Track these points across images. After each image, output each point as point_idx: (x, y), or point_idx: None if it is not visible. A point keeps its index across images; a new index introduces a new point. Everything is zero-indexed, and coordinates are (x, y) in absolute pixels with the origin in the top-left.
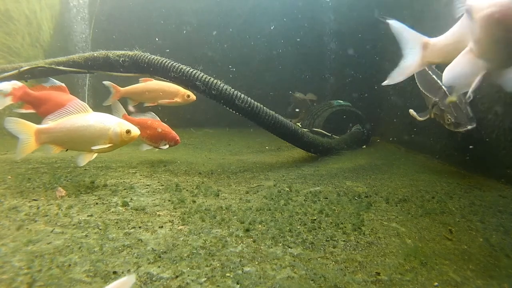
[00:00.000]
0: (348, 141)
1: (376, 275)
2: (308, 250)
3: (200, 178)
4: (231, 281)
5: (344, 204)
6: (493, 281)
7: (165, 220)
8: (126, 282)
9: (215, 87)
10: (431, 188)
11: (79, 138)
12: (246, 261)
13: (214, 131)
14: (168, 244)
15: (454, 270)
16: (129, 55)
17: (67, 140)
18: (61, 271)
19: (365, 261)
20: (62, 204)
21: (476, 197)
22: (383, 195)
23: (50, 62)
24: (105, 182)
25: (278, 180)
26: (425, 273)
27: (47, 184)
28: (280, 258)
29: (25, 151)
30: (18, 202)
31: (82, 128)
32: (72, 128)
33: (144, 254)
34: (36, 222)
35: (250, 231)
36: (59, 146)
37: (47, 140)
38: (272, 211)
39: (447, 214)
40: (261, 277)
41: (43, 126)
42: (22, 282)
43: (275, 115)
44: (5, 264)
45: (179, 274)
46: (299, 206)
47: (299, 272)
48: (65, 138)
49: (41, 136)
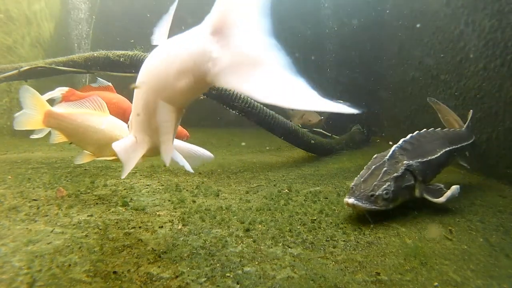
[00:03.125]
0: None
1: (376, 275)
2: (308, 250)
3: (200, 178)
4: (231, 281)
5: (344, 204)
6: (493, 281)
7: (165, 220)
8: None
9: (215, 87)
10: None
11: (87, 138)
12: (246, 261)
13: (214, 131)
14: (168, 244)
15: (454, 270)
16: (129, 55)
17: (73, 134)
18: (61, 271)
19: (365, 261)
20: (62, 204)
21: (476, 197)
22: None
23: (50, 62)
24: (105, 182)
25: (278, 180)
26: (425, 273)
27: (47, 184)
28: (280, 258)
29: (25, 125)
30: (18, 202)
31: (92, 129)
32: (82, 125)
33: (144, 254)
34: (36, 222)
35: (250, 231)
36: (63, 137)
37: (54, 126)
38: (272, 211)
39: (447, 214)
40: (261, 277)
41: (56, 110)
42: (22, 282)
43: (275, 115)
44: (5, 264)
45: (179, 274)
46: (299, 206)
47: (299, 272)
48: (72, 131)
49: (50, 120)
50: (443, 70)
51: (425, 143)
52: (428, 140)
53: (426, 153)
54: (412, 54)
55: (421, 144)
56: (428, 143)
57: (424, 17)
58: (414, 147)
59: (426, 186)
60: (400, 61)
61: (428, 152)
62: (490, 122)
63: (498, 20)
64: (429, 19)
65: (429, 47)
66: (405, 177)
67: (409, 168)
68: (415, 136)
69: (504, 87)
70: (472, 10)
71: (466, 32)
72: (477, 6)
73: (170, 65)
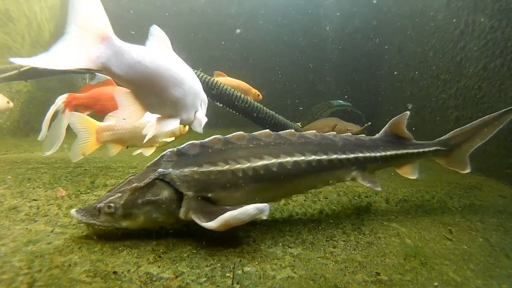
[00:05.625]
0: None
1: (376, 275)
2: (308, 250)
3: None
4: (231, 281)
5: (344, 204)
6: (493, 281)
7: None
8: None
9: (215, 87)
10: (431, 188)
11: (139, 136)
12: (246, 261)
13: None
14: (168, 244)
15: (454, 270)
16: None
17: (127, 138)
18: (61, 271)
19: (365, 261)
20: (62, 204)
21: (476, 197)
22: (383, 195)
23: None
24: (105, 182)
25: None
26: (425, 273)
27: (47, 184)
28: (280, 258)
29: (85, 151)
30: (18, 202)
31: (139, 127)
32: (131, 128)
33: (144, 254)
34: (36, 222)
35: (250, 231)
36: (119, 145)
37: (108, 139)
38: (272, 211)
39: (447, 214)
40: (261, 277)
41: (106, 123)
42: (22, 282)
43: (275, 115)
44: (5, 264)
45: (179, 274)
46: (299, 206)
47: (299, 272)
48: (125, 136)
49: (103, 135)
50: (443, 70)
51: (236, 150)
52: (245, 146)
53: (222, 161)
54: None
55: (225, 150)
56: (243, 149)
57: (424, 17)
58: (205, 152)
59: (205, 204)
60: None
61: (227, 160)
62: None
63: (498, 20)
64: (429, 19)
65: (429, 47)
66: (153, 189)
67: (164, 178)
68: (224, 140)
69: (504, 87)
70: (472, 10)
71: (466, 32)
72: (477, 6)
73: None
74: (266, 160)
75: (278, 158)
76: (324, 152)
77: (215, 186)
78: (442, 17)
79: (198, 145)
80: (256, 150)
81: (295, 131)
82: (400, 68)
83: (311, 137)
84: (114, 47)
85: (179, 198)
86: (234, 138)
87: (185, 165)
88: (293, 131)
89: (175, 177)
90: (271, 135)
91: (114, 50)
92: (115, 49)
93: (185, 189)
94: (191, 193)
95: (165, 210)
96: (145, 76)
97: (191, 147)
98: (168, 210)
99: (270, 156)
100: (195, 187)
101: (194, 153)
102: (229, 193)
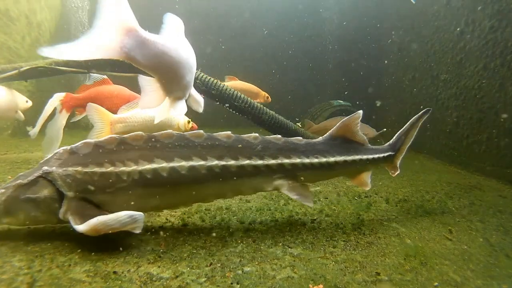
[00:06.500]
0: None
1: (376, 275)
2: (308, 250)
3: None
4: (231, 281)
5: (344, 204)
6: (493, 281)
7: (165, 220)
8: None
9: (215, 86)
10: (431, 188)
11: (150, 128)
12: (246, 261)
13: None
14: (168, 244)
15: (454, 270)
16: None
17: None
18: (61, 271)
19: (365, 261)
20: None
21: (476, 197)
22: (383, 195)
23: (50, 62)
24: None
25: None
26: (425, 273)
27: None
28: (280, 258)
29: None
30: None
31: (150, 119)
32: (146, 118)
33: (144, 254)
34: None
35: (250, 231)
36: None
37: (121, 130)
38: (272, 211)
39: (447, 214)
40: (261, 277)
41: (119, 115)
42: (22, 282)
43: (275, 115)
44: (5, 264)
45: (179, 274)
46: (299, 206)
47: (299, 272)
48: (138, 128)
49: (117, 126)
50: (443, 70)
51: (128, 151)
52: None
53: (109, 162)
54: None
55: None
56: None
57: (424, 17)
58: (96, 152)
59: (86, 206)
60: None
61: (114, 161)
62: (490, 122)
63: (498, 20)
64: (429, 19)
65: (429, 47)
66: (34, 187)
67: (46, 176)
68: (119, 140)
69: (504, 87)
70: (472, 10)
71: (466, 32)
72: (477, 6)
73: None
74: (156, 163)
75: (170, 162)
76: (233, 157)
77: (98, 188)
78: (442, 17)
79: (91, 144)
80: (148, 152)
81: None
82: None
83: (221, 139)
84: (139, 38)
85: (61, 198)
86: (130, 138)
87: (71, 164)
88: (201, 132)
89: (57, 176)
90: (172, 136)
91: (139, 41)
92: (140, 40)
93: (66, 188)
94: (72, 193)
95: (45, 209)
96: (169, 65)
97: (84, 146)
98: (49, 209)
99: (161, 160)
100: (77, 188)
101: (85, 152)
102: (113, 197)
